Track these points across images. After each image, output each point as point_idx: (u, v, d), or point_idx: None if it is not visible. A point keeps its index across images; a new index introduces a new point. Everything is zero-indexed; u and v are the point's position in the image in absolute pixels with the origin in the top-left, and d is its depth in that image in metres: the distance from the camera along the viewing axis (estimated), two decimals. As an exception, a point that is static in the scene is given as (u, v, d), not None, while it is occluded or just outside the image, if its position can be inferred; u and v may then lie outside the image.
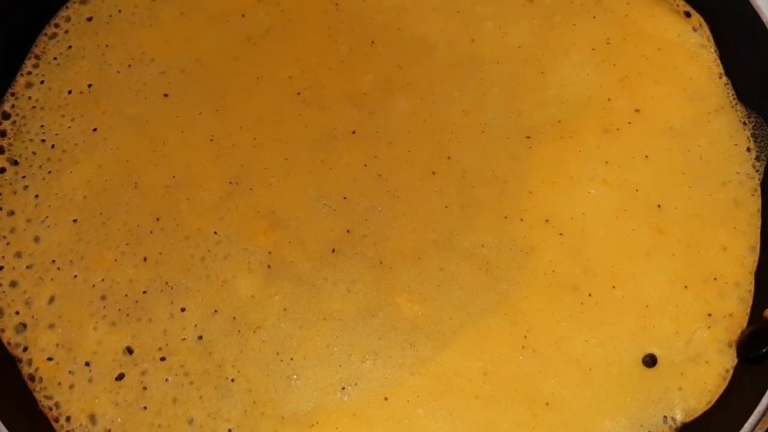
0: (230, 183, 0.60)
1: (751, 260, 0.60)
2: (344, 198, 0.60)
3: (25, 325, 0.57)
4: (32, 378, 0.56)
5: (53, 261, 0.59)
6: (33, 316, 0.57)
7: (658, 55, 0.65)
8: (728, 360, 0.58)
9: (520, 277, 0.58)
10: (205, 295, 0.58)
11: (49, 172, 0.60)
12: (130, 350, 0.57)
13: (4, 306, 0.58)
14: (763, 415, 0.54)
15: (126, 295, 0.58)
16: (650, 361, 0.57)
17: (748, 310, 0.59)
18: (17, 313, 0.58)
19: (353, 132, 0.62)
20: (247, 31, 0.65)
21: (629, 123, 0.63)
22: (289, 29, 0.65)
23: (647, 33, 0.65)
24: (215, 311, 0.57)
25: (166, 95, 0.62)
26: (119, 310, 0.58)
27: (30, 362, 0.57)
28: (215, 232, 0.59)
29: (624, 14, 0.66)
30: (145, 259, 0.59)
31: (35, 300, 0.58)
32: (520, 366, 0.57)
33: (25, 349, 0.57)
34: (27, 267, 0.58)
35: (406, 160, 0.61)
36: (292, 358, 0.56)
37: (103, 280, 0.58)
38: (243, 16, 0.65)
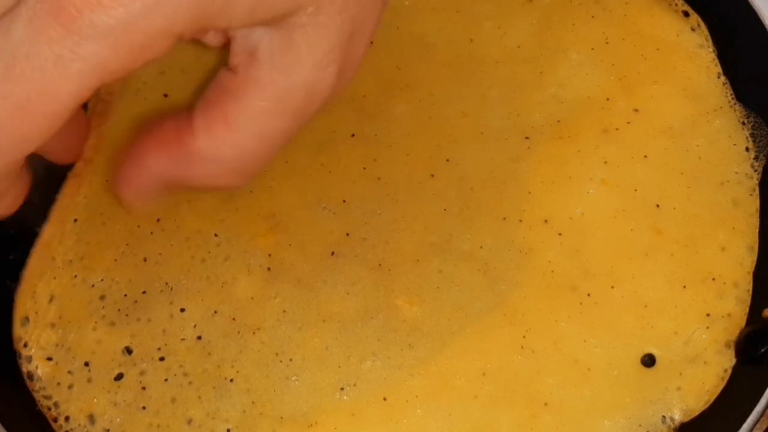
0: (231, 185, 0.60)
1: (750, 260, 0.60)
2: (344, 201, 0.60)
3: (28, 319, 0.57)
4: (31, 376, 0.56)
5: (53, 259, 0.59)
6: (36, 312, 0.58)
7: (656, 55, 0.65)
8: (727, 360, 0.58)
9: (518, 278, 0.58)
10: (205, 296, 0.58)
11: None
12: (129, 350, 0.57)
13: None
14: (762, 414, 0.54)
15: (125, 295, 0.58)
16: (649, 361, 0.57)
17: (747, 310, 0.59)
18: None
19: (352, 135, 0.61)
20: (246, 31, 0.64)
21: (628, 123, 0.63)
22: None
23: (646, 33, 0.65)
24: (215, 312, 0.57)
25: (165, 95, 0.62)
26: (118, 310, 0.58)
27: (30, 359, 0.57)
28: (215, 234, 0.59)
29: (623, 14, 0.66)
30: (145, 260, 0.59)
31: (36, 299, 0.58)
32: (519, 366, 0.57)
33: (26, 344, 0.57)
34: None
35: (405, 163, 0.61)
36: (291, 359, 0.57)
37: (102, 280, 0.58)
38: (242, 15, 0.65)
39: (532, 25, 0.65)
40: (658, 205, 0.61)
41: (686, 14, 0.66)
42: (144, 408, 0.56)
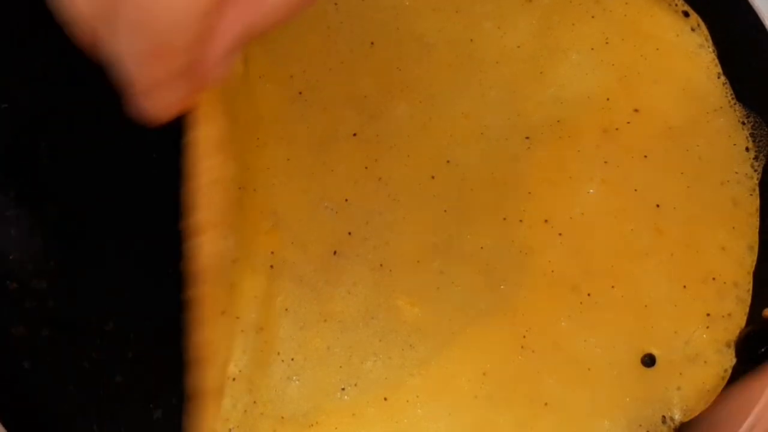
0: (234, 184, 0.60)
1: (750, 260, 0.60)
2: (345, 200, 0.60)
3: None
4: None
5: (57, 258, 0.59)
6: None
7: (656, 55, 0.65)
8: (727, 360, 0.58)
9: (519, 278, 0.59)
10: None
11: (57, 172, 0.61)
12: (132, 349, 0.57)
13: None
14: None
15: (130, 295, 0.58)
16: (649, 360, 0.57)
17: (747, 310, 0.59)
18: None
19: (354, 135, 0.61)
20: (246, 29, 0.64)
21: (628, 123, 0.63)
22: (290, 28, 0.64)
23: (646, 33, 0.65)
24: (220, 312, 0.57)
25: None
26: (122, 309, 0.58)
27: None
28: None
29: (623, 14, 0.66)
30: None
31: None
32: (519, 366, 0.57)
33: None
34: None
35: (406, 165, 0.61)
36: (292, 359, 0.57)
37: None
38: (243, 14, 0.65)
39: (532, 25, 0.65)
40: (658, 205, 0.61)
41: (686, 14, 0.66)
42: (146, 407, 0.56)
